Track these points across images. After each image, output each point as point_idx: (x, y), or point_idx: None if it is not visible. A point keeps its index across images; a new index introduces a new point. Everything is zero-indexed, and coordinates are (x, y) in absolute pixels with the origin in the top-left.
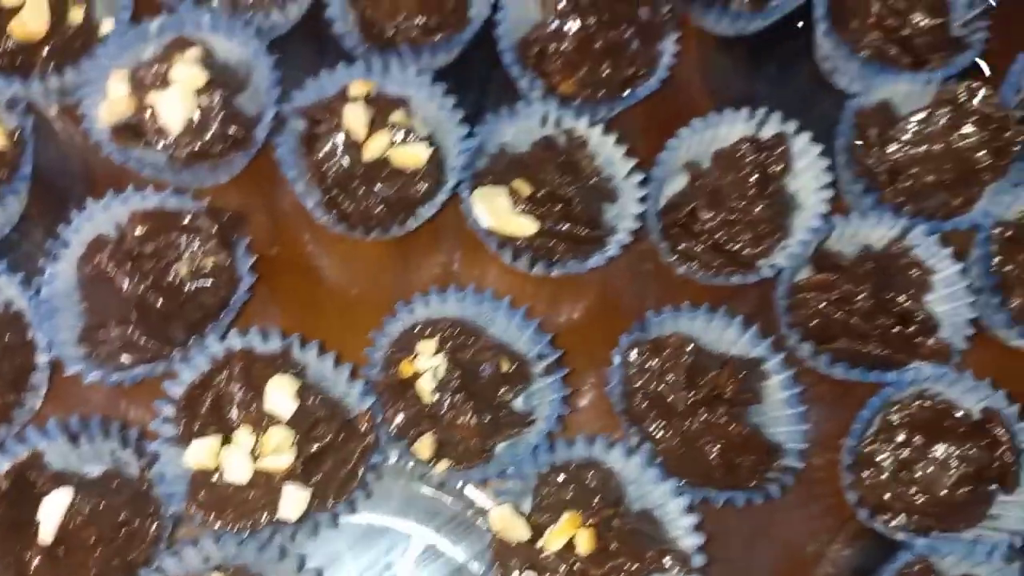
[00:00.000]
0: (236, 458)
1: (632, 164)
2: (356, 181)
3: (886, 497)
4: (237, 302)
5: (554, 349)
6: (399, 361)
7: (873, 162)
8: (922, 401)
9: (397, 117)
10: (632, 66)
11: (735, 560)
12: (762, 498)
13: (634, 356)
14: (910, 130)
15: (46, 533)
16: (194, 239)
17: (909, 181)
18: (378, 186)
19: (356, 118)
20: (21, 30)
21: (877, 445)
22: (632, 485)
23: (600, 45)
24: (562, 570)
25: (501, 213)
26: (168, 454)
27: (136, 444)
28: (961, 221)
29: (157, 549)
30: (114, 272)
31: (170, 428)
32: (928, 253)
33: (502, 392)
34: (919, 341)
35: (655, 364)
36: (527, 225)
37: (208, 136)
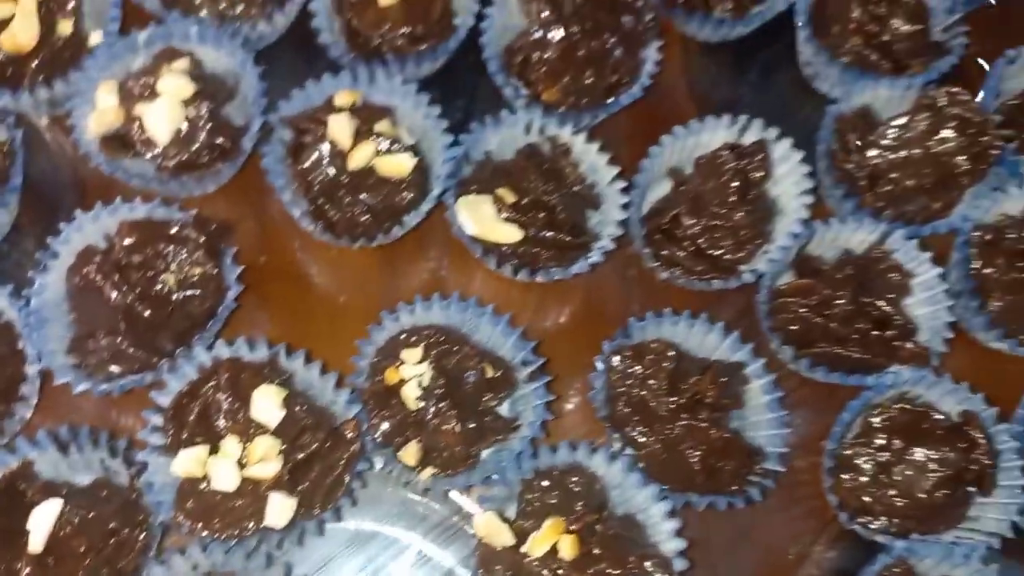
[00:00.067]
0: (223, 467)
1: (616, 171)
2: (342, 190)
3: (866, 500)
4: (224, 311)
5: (538, 356)
6: (385, 369)
7: (853, 167)
8: (903, 404)
9: (382, 126)
10: (615, 74)
11: (717, 564)
12: (743, 502)
13: (617, 362)
14: (890, 135)
15: (36, 542)
16: (181, 249)
17: (889, 186)
18: (364, 195)
19: (341, 128)
20: (10, 42)
21: (857, 448)
22: (616, 490)
23: (583, 53)
24: (545, 575)
25: (485, 221)
26: (156, 463)
27: (125, 453)
28: (940, 225)
29: (146, 558)
30: (102, 283)
31: (158, 437)
32: (908, 257)
33: (487, 399)
34: (898, 345)
35: (638, 370)
36: (511, 232)
37: (195, 146)
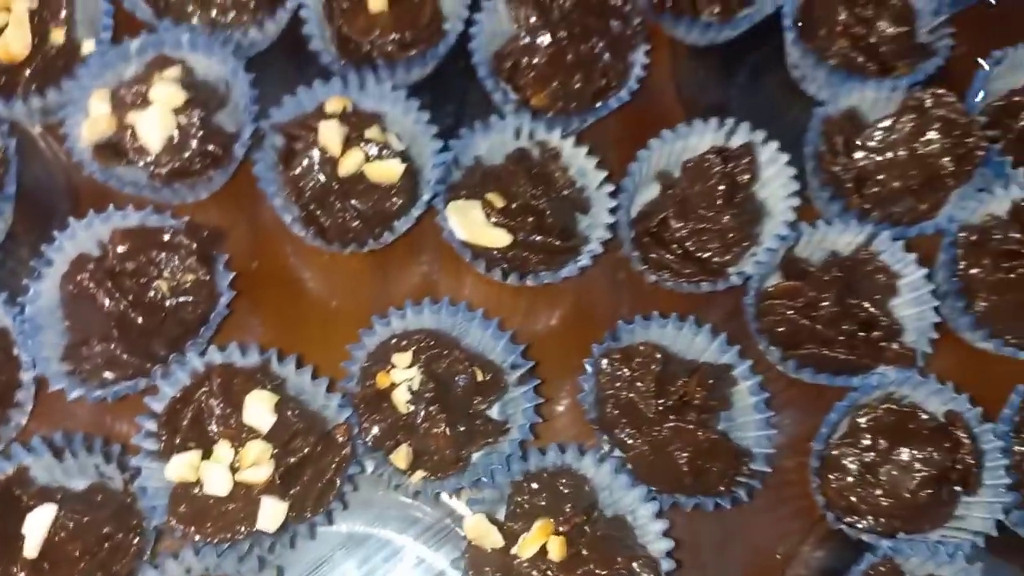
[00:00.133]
0: (216, 471)
1: (604, 175)
2: (332, 196)
3: (853, 500)
4: (217, 317)
5: (527, 359)
6: (376, 373)
7: (840, 169)
8: (889, 405)
9: (372, 133)
10: (604, 78)
11: (706, 564)
12: (731, 503)
13: (605, 364)
14: (876, 137)
15: (31, 547)
16: (174, 256)
17: (876, 187)
18: (354, 201)
19: (331, 135)
20: (4, 52)
21: (844, 449)
22: (604, 491)
23: (571, 58)
24: None
25: (475, 225)
26: (150, 468)
27: (119, 459)
28: (926, 226)
29: (140, 562)
30: (96, 290)
31: (152, 443)
32: (894, 258)
33: (477, 402)
34: (884, 346)
35: (626, 372)
36: (501, 237)
37: (187, 154)
